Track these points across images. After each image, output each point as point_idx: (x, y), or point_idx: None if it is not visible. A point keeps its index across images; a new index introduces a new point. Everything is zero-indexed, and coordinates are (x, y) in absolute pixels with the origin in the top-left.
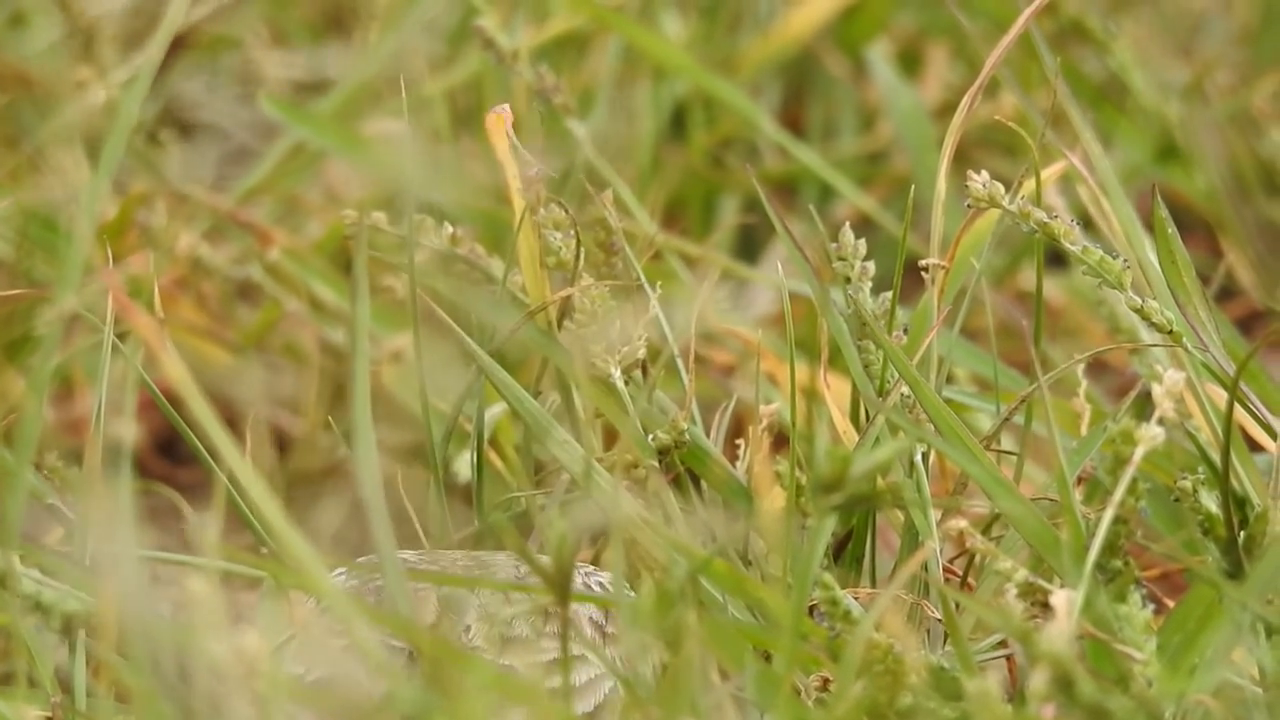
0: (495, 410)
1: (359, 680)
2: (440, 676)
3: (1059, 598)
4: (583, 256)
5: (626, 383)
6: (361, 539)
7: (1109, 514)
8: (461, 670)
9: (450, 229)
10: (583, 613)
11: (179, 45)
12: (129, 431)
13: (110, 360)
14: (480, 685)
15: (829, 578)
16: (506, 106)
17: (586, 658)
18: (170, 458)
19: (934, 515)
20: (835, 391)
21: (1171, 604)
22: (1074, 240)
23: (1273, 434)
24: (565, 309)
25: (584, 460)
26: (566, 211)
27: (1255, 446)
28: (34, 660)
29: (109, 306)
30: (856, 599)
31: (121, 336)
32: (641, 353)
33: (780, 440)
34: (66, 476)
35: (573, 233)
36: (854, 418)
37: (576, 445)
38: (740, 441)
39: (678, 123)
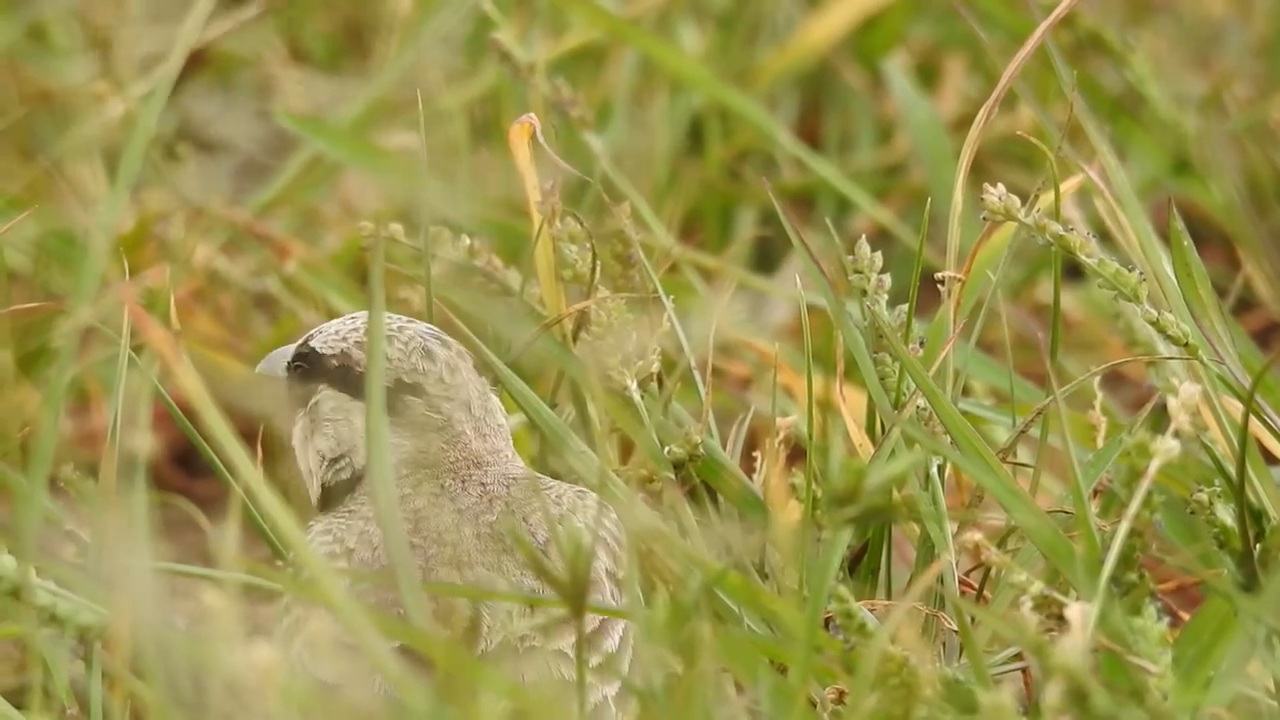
0: (511, 423)
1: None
2: (454, 688)
3: (1074, 610)
4: (599, 269)
5: (642, 395)
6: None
7: (1124, 527)
8: (476, 681)
9: (467, 241)
10: (599, 565)
11: (197, 60)
12: (145, 444)
13: (126, 373)
14: (494, 696)
15: (844, 590)
16: (532, 115)
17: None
18: (187, 470)
19: (950, 528)
20: (851, 404)
21: (1187, 617)
22: (1090, 253)
23: None
24: (582, 321)
25: (600, 471)
26: (583, 225)
27: (1271, 459)
28: (49, 673)
29: (125, 319)
30: (872, 611)
31: (138, 349)
32: (655, 366)
33: (797, 452)
34: (83, 489)
35: (589, 245)
36: (870, 430)
37: (593, 456)
38: (757, 454)
39: (695, 135)
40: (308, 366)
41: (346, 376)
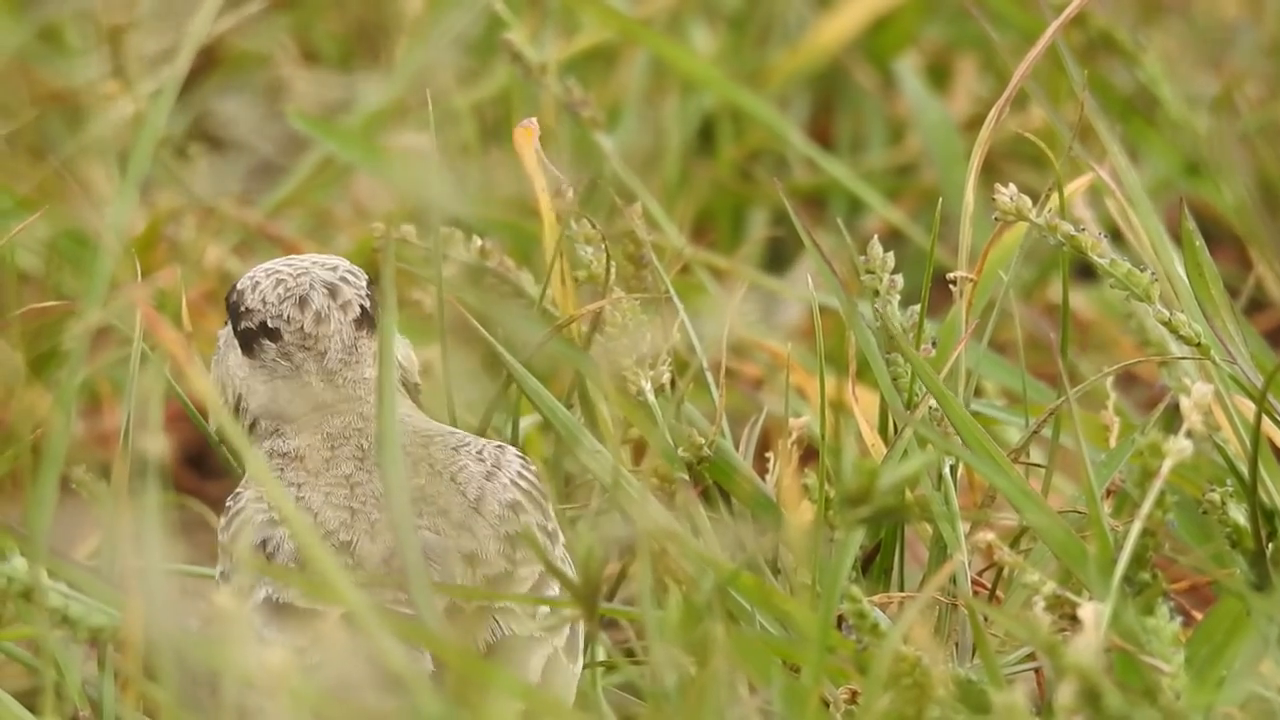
0: (524, 424)
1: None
2: (465, 689)
3: (1087, 610)
4: (613, 271)
5: (656, 396)
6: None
7: (1137, 527)
8: (487, 683)
9: (479, 242)
10: (529, 520)
11: (207, 60)
12: (157, 445)
13: (138, 374)
14: (506, 698)
15: (856, 590)
16: (534, 120)
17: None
18: (199, 471)
19: (962, 528)
20: (864, 404)
21: (1199, 616)
22: (1102, 253)
23: None
24: (595, 323)
25: (613, 470)
26: (595, 226)
27: None
28: (61, 674)
29: (137, 320)
30: (884, 611)
31: (150, 350)
32: (666, 377)
33: (809, 453)
34: (95, 490)
35: (602, 247)
36: (882, 431)
37: (607, 454)
38: (770, 455)
39: (706, 136)
40: None
41: (233, 311)
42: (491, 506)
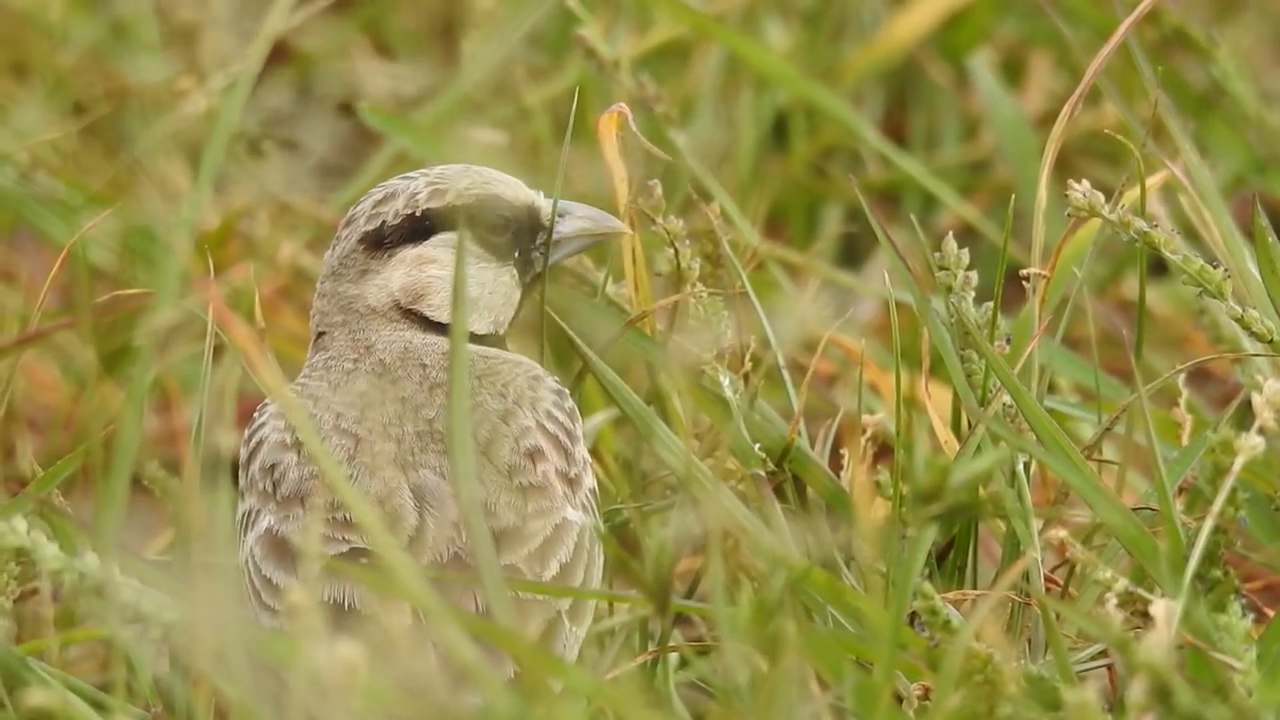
0: (596, 420)
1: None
2: (537, 686)
3: (1159, 607)
4: (688, 267)
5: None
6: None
7: (1209, 524)
8: (558, 680)
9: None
10: (548, 467)
11: (280, 56)
12: (228, 441)
13: (210, 370)
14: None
15: (929, 587)
16: (622, 105)
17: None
18: None
19: (1035, 525)
20: (937, 401)
21: (1272, 614)
22: (1174, 249)
23: None
24: (671, 319)
25: (686, 461)
26: (678, 224)
27: None
28: (132, 670)
29: (209, 316)
30: (957, 608)
31: (222, 346)
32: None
33: (883, 450)
34: (166, 486)
35: (683, 244)
36: (955, 427)
37: (681, 444)
38: (844, 450)
39: (780, 132)
40: None
41: None
42: (503, 453)
